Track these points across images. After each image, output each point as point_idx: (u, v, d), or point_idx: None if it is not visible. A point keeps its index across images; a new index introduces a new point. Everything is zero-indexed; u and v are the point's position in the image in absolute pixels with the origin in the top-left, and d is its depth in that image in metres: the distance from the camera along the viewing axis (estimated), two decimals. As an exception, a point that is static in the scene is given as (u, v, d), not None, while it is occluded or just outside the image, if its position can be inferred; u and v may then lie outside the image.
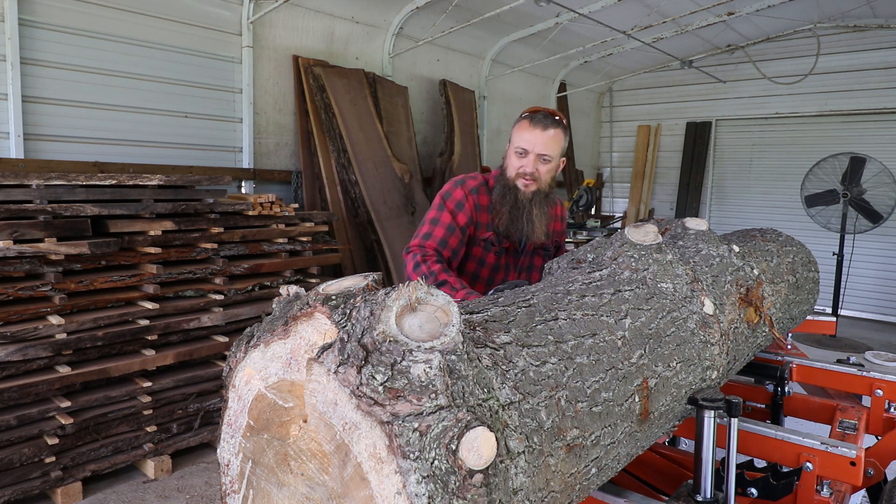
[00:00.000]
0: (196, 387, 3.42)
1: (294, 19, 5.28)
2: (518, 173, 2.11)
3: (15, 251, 2.82)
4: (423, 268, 2.00)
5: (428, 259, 2.02)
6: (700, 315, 1.47)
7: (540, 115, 2.09)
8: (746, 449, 1.62)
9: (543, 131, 2.07)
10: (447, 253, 2.09)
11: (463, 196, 2.15)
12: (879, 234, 6.89)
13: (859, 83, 7.46)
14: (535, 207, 2.14)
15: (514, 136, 2.14)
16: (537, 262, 2.33)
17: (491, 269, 2.24)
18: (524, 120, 2.11)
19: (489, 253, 2.22)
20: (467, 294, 1.88)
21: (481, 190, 2.19)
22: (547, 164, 2.11)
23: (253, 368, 0.90)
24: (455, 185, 2.19)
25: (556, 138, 2.09)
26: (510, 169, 2.14)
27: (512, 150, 2.13)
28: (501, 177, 2.18)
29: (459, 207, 2.14)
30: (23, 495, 2.81)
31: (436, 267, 2.00)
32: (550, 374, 1.00)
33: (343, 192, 5.29)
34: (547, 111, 2.12)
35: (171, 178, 3.51)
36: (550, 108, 2.14)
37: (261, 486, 0.90)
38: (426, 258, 2.02)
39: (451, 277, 1.97)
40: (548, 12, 6.32)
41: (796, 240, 2.35)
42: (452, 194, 2.17)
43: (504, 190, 2.14)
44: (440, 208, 2.14)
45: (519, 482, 0.84)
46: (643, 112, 9.29)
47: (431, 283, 1.82)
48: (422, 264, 2.01)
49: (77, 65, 4.04)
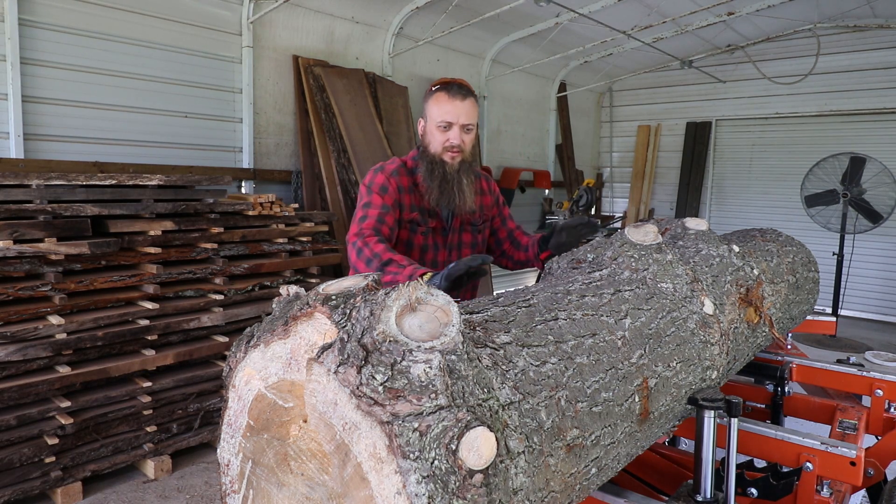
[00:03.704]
0: (196, 387, 3.42)
1: (294, 19, 5.28)
2: (444, 147, 2.09)
3: (15, 251, 2.82)
4: (365, 252, 1.92)
5: (369, 241, 1.94)
6: (700, 315, 1.47)
7: (455, 86, 2.08)
8: (746, 449, 1.62)
9: (463, 101, 2.06)
10: (385, 230, 2.04)
11: (385, 179, 2.12)
12: (879, 234, 6.89)
13: (859, 83, 7.46)
14: (464, 177, 2.13)
15: (431, 109, 2.10)
16: (466, 239, 2.31)
17: (420, 249, 2.21)
18: (440, 93, 2.08)
19: (416, 234, 2.19)
20: (415, 269, 1.82)
21: (401, 172, 2.16)
22: (469, 133, 2.11)
23: (253, 368, 0.90)
24: (375, 172, 2.15)
25: (475, 107, 2.10)
26: (434, 144, 2.11)
27: (433, 125, 2.10)
28: (424, 154, 2.14)
29: (384, 191, 2.10)
30: (23, 495, 2.81)
31: (378, 248, 1.91)
32: (550, 374, 1.00)
33: (343, 192, 5.29)
34: (458, 81, 2.11)
35: (171, 178, 3.51)
36: (458, 79, 2.13)
37: (261, 486, 0.90)
38: (366, 241, 1.94)
39: (396, 255, 1.89)
40: (548, 12, 6.32)
41: (796, 240, 2.35)
42: (374, 180, 2.12)
43: (431, 166, 2.11)
44: (368, 194, 2.10)
45: (519, 482, 0.84)
46: (643, 112, 9.29)
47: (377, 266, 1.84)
48: (364, 248, 1.93)
49: (77, 65, 4.04)
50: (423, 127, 2.17)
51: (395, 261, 1.85)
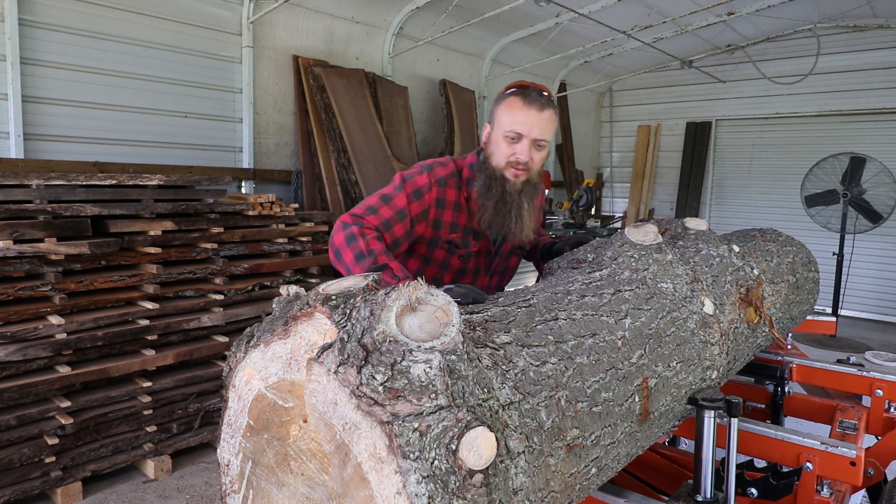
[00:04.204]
0: (196, 387, 3.42)
1: (294, 19, 5.28)
2: (509, 162, 1.77)
3: (15, 251, 2.82)
4: (360, 243, 1.61)
5: (367, 234, 1.64)
6: (700, 315, 1.47)
7: (533, 92, 1.75)
8: (746, 449, 1.62)
9: (540, 112, 1.73)
10: (388, 238, 1.72)
11: (427, 185, 1.81)
12: (879, 234, 6.89)
13: (859, 83, 7.46)
14: (525, 201, 1.82)
15: (501, 115, 1.77)
16: (513, 263, 2.07)
17: (455, 273, 1.93)
18: (514, 97, 1.75)
19: (453, 256, 1.89)
20: None
21: (451, 182, 1.84)
22: (541, 150, 1.79)
23: (253, 368, 0.90)
24: (422, 169, 1.84)
25: (552, 120, 1.77)
26: (498, 156, 1.79)
27: (500, 134, 1.77)
28: (484, 165, 1.82)
29: (417, 196, 1.79)
30: (23, 495, 2.81)
31: (376, 246, 1.62)
32: (550, 374, 1.00)
33: (343, 192, 5.29)
34: (537, 87, 1.78)
35: (171, 178, 3.51)
36: (538, 84, 1.81)
37: (261, 486, 0.90)
38: (364, 233, 1.65)
39: (395, 263, 1.60)
40: (548, 12, 6.32)
41: (796, 240, 2.35)
42: (415, 179, 1.81)
43: (489, 181, 1.79)
44: (398, 189, 1.79)
45: (519, 482, 0.84)
46: (643, 112, 9.29)
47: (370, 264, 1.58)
48: (359, 238, 1.62)
49: (77, 65, 4.04)
50: (487, 133, 1.84)
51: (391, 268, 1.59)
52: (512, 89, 1.78)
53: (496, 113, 1.80)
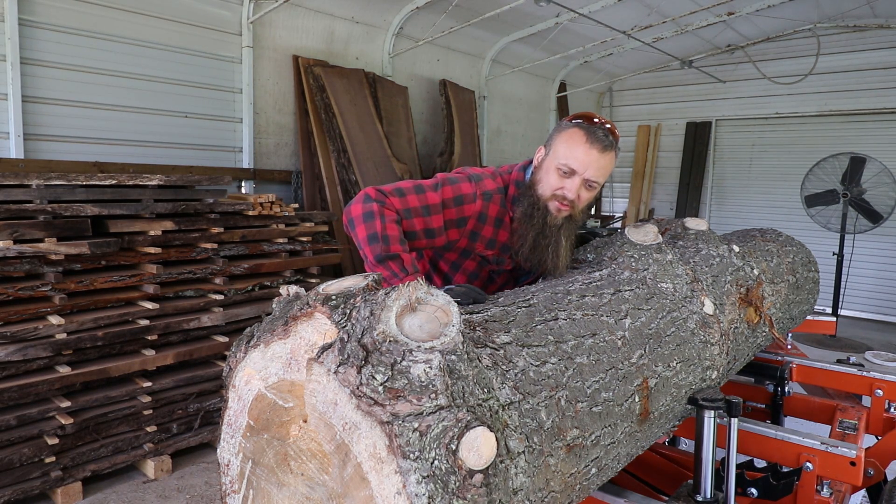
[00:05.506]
0: (196, 387, 3.42)
1: (294, 19, 5.28)
2: (555, 195, 1.68)
3: (15, 251, 2.82)
4: (377, 223, 1.54)
5: (387, 216, 1.56)
6: (700, 315, 1.47)
7: (600, 131, 1.65)
8: (746, 449, 1.62)
9: (601, 154, 1.64)
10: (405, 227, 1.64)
11: (471, 195, 1.73)
12: (879, 234, 6.89)
13: (859, 83, 7.46)
14: (564, 238, 1.72)
15: (559, 145, 1.67)
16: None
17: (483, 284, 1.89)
18: (580, 131, 1.65)
19: (483, 269, 1.86)
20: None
21: (495, 198, 1.77)
22: (591, 190, 1.70)
23: (253, 368, 0.90)
24: (469, 178, 1.75)
25: (612, 163, 1.69)
26: (544, 185, 1.69)
27: (553, 164, 1.67)
28: (529, 189, 1.73)
29: (457, 202, 1.71)
30: (23, 495, 2.81)
31: (392, 232, 1.55)
32: (550, 374, 1.00)
33: (343, 192, 5.29)
34: (604, 123, 1.68)
35: (171, 178, 3.51)
36: (604, 118, 1.72)
37: (261, 486, 0.90)
38: (385, 213, 1.56)
39: (407, 255, 1.54)
40: (548, 12, 6.32)
41: (796, 240, 2.35)
42: (460, 185, 1.72)
43: (531, 209, 1.71)
44: (435, 187, 1.70)
45: (519, 482, 0.84)
46: (643, 112, 9.29)
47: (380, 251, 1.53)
48: (377, 217, 1.55)
49: (77, 65, 4.04)
50: (540, 157, 1.74)
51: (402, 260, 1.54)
52: (578, 120, 1.69)
53: (555, 140, 1.70)
